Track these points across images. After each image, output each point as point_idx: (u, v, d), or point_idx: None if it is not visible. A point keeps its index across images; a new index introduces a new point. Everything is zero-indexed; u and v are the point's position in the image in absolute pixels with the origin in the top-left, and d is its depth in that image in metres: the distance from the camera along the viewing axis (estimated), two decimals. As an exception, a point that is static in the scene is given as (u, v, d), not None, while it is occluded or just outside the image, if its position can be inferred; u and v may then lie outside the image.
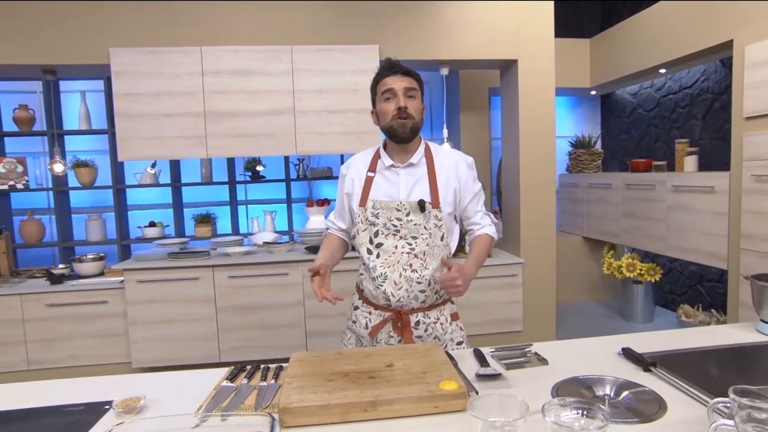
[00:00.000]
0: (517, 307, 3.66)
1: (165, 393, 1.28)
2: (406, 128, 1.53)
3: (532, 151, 3.63)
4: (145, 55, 3.23)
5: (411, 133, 1.55)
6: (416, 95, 1.56)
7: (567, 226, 5.14)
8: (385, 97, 1.54)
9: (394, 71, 1.54)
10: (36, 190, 4.30)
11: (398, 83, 1.52)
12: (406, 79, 1.53)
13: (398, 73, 1.54)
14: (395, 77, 1.53)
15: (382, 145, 1.65)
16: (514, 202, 3.79)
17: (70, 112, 4.39)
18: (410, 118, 1.53)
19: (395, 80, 1.53)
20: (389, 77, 1.54)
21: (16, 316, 3.32)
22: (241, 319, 3.37)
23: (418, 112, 1.57)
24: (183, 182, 4.55)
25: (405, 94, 1.53)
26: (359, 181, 1.62)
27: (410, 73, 1.55)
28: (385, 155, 1.61)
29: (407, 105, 1.52)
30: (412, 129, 1.54)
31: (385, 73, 1.55)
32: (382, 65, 1.59)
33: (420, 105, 1.58)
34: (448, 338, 1.63)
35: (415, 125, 1.55)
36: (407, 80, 1.53)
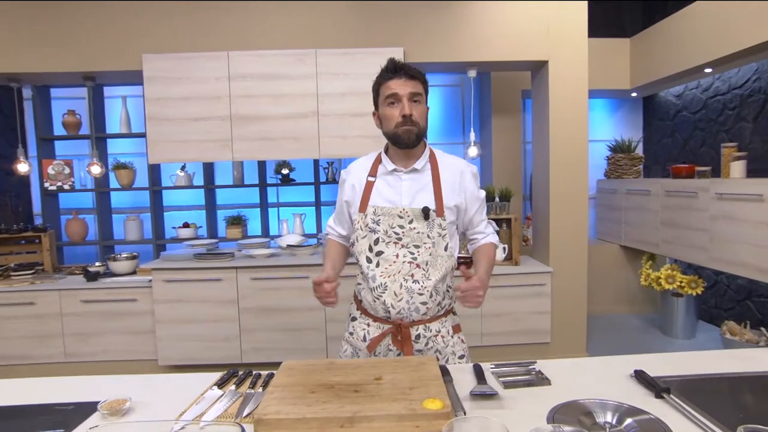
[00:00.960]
0: (545, 318, 3.52)
1: (153, 396, 1.28)
2: (411, 135, 1.47)
3: (563, 155, 3.48)
4: (175, 60, 3.32)
5: (416, 140, 1.49)
6: (421, 99, 1.50)
7: (604, 234, 4.91)
8: (388, 101, 1.48)
9: (398, 74, 1.47)
10: (80, 190, 4.50)
11: (403, 88, 1.46)
12: (411, 83, 1.47)
13: (403, 76, 1.47)
14: (399, 81, 1.46)
15: (383, 149, 1.60)
16: (543, 209, 3.65)
17: (113, 117, 4.59)
18: (415, 125, 1.47)
19: (399, 84, 1.46)
20: (393, 80, 1.47)
21: (56, 310, 3.48)
22: (263, 320, 3.40)
23: (423, 117, 1.51)
24: (215, 184, 4.67)
25: (410, 100, 1.46)
26: (359, 187, 1.57)
27: (415, 75, 1.49)
28: (387, 159, 1.56)
29: (413, 111, 1.46)
30: (417, 136, 1.48)
31: (388, 76, 1.48)
32: (385, 66, 1.51)
33: (425, 109, 1.53)
34: (450, 352, 1.56)
35: (420, 132, 1.49)
36: (412, 84, 1.47)
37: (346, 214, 1.63)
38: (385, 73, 1.50)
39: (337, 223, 1.70)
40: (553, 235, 3.54)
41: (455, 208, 1.53)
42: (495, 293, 3.48)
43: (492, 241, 1.63)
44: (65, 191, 4.45)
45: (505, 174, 4.51)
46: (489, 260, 1.58)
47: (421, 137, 1.51)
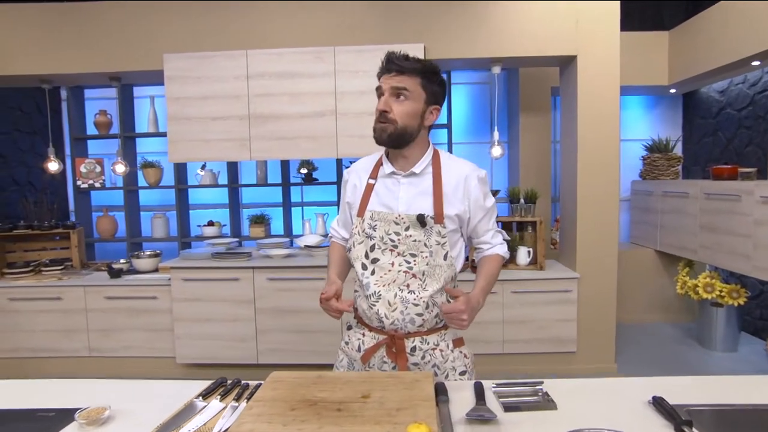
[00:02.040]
0: (571, 325, 3.35)
1: (135, 404, 1.25)
2: (384, 133, 1.36)
3: (592, 155, 3.30)
4: (194, 60, 3.33)
5: (389, 140, 1.38)
6: (408, 95, 1.35)
7: (638, 238, 4.66)
8: (377, 94, 1.40)
9: (387, 68, 1.37)
10: (110, 188, 4.61)
11: (387, 82, 1.36)
12: (397, 77, 1.35)
13: (392, 70, 1.36)
14: (387, 75, 1.37)
15: (384, 150, 1.50)
16: (570, 211, 3.48)
17: (142, 116, 4.67)
18: (390, 123, 1.35)
19: (386, 78, 1.37)
20: (383, 75, 1.38)
21: (81, 306, 3.56)
22: (278, 321, 3.37)
23: (406, 115, 1.36)
24: (239, 183, 4.69)
25: (391, 95, 1.36)
26: (360, 189, 1.49)
27: (404, 70, 1.35)
28: (386, 162, 1.46)
29: (390, 107, 1.35)
30: (390, 136, 1.36)
31: (381, 71, 1.39)
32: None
33: (412, 106, 1.36)
34: (449, 367, 1.44)
35: (397, 132, 1.36)
36: (397, 78, 1.35)
37: (349, 216, 1.55)
38: (380, 70, 1.40)
39: (341, 225, 1.63)
40: (581, 239, 3.36)
41: (456, 217, 1.42)
42: (518, 299, 3.34)
43: (498, 252, 1.51)
44: (96, 189, 4.57)
45: (533, 174, 4.34)
46: (487, 275, 1.47)
47: (397, 138, 1.38)
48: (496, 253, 1.50)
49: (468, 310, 1.29)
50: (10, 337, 3.62)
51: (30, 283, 3.62)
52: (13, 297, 3.60)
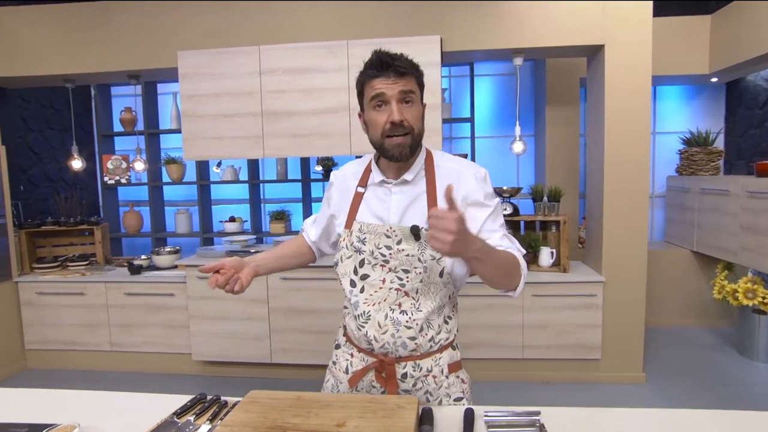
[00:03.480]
0: (595, 331, 3.17)
1: (106, 419, 1.21)
2: (405, 148, 1.21)
3: (620, 150, 3.10)
4: (208, 56, 3.30)
5: (411, 151, 1.24)
6: (415, 98, 1.22)
7: (673, 237, 4.39)
8: (374, 103, 1.22)
9: (385, 72, 1.20)
10: (135, 184, 4.69)
11: (391, 87, 1.19)
12: (401, 80, 1.19)
13: (391, 73, 1.19)
14: (386, 80, 1.19)
15: (374, 156, 1.37)
16: (596, 211, 3.29)
17: (166, 113, 4.72)
18: (409, 133, 1.21)
19: (387, 83, 1.19)
20: (379, 78, 1.20)
21: (102, 301, 3.63)
22: (292, 321, 3.34)
23: (419, 119, 1.24)
24: (260, 179, 4.69)
25: (400, 101, 1.20)
26: (347, 198, 1.37)
27: (406, 71, 1.20)
28: (376, 169, 1.33)
29: (405, 116, 1.20)
30: (411, 147, 1.22)
31: (373, 73, 1.21)
32: (369, 60, 1.23)
33: (420, 109, 1.25)
34: (443, 394, 1.32)
35: (415, 140, 1.23)
36: (403, 82, 1.19)
37: (325, 222, 1.45)
38: (369, 69, 1.22)
39: (314, 225, 1.51)
40: (607, 240, 3.17)
41: None
42: (539, 302, 3.19)
43: (513, 252, 1.26)
44: (122, 185, 4.66)
45: (560, 170, 4.15)
46: (501, 253, 1.20)
47: (416, 147, 1.26)
48: (510, 252, 1.26)
49: (458, 231, 0.98)
50: (39, 329, 3.74)
51: (56, 278, 3.72)
52: (41, 291, 3.70)
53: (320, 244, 1.51)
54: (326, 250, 1.53)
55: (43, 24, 3.57)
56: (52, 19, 3.57)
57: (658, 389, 3.13)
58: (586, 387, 3.19)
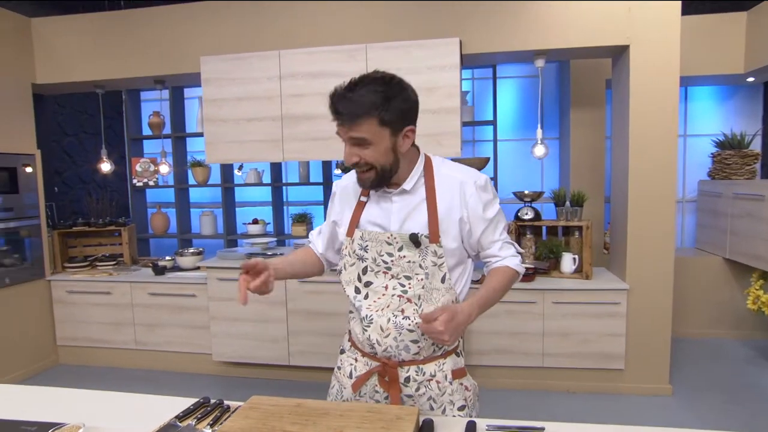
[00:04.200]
0: (618, 341, 3.08)
1: (111, 420, 1.24)
2: (368, 182, 1.25)
3: (645, 153, 3.00)
4: (229, 62, 3.35)
5: (378, 183, 1.25)
6: (375, 140, 1.18)
7: (705, 244, 4.22)
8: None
9: (338, 116, 1.18)
10: (162, 187, 4.81)
11: (343, 132, 1.20)
12: (353, 127, 1.16)
13: (343, 119, 1.17)
14: (340, 125, 1.19)
15: None
16: (621, 216, 3.19)
17: (192, 117, 4.83)
18: (370, 170, 1.22)
19: (340, 128, 1.20)
20: (335, 121, 1.20)
21: (128, 300, 3.73)
22: (310, 324, 3.36)
23: (380, 154, 1.20)
24: (283, 182, 4.74)
25: (353, 145, 1.20)
26: (349, 206, 1.38)
27: (350, 117, 1.16)
28: None
29: (360, 157, 1.20)
30: (375, 180, 1.24)
31: (332, 114, 1.21)
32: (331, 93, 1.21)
33: (383, 145, 1.19)
34: (447, 401, 1.30)
35: (380, 173, 1.23)
36: (350, 128, 1.17)
37: (334, 232, 1.45)
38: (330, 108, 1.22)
39: (319, 236, 1.51)
40: (632, 247, 3.07)
41: (457, 230, 1.29)
42: (560, 310, 3.11)
43: (508, 265, 1.33)
44: (150, 187, 4.79)
45: (585, 173, 4.04)
46: (491, 288, 1.28)
47: (386, 177, 1.24)
48: (506, 265, 1.33)
49: (448, 330, 1.10)
50: (69, 326, 3.87)
51: (85, 277, 3.85)
52: (71, 290, 3.84)
53: (327, 254, 1.51)
54: (333, 259, 1.53)
55: (75, 33, 3.71)
56: (83, 28, 3.70)
57: (686, 403, 3.01)
58: (608, 398, 3.09)
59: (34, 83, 3.79)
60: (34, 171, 3.77)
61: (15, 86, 3.65)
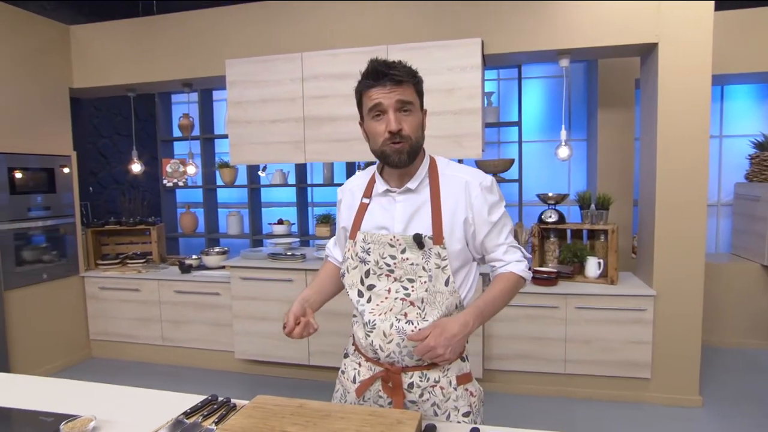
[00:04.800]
0: (645, 348, 2.98)
1: (121, 414, 1.28)
2: (402, 154, 1.23)
3: (674, 154, 2.89)
4: (253, 64, 3.41)
5: (409, 158, 1.25)
6: (413, 107, 1.23)
7: (741, 250, 4.04)
8: (373, 113, 1.23)
9: (381, 81, 1.20)
10: (191, 187, 4.94)
11: (388, 97, 1.19)
12: (398, 89, 1.19)
13: (387, 82, 1.19)
14: (383, 89, 1.20)
15: (377, 167, 1.37)
16: (648, 219, 3.08)
17: (221, 119, 4.93)
18: (406, 141, 1.22)
19: (384, 93, 1.19)
20: (376, 88, 1.20)
21: (155, 297, 3.85)
22: (330, 324, 3.35)
23: (416, 128, 1.24)
24: (308, 183, 4.79)
25: (398, 110, 1.21)
26: (353, 210, 1.38)
27: (403, 79, 1.20)
28: (380, 179, 1.33)
29: (402, 125, 1.21)
30: (410, 154, 1.24)
31: (369, 83, 1.21)
32: (365, 69, 1.23)
33: (419, 118, 1.25)
34: (451, 407, 1.28)
35: (413, 147, 1.24)
36: (399, 90, 1.20)
37: (343, 239, 1.45)
38: (365, 79, 1.23)
39: (336, 246, 1.53)
40: (659, 252, 2.96)
41: (461, 232, 1.27)
42: (583, 315, 3.03)
43: (513, 270, 1.30)
44: (180, 187, 4.92)
45: (613, 175, 3.93)
46: (491, 296, 1.25)
47: (415, 154, 1.26)
48: (510, 270, 1.30)
49: (440, 345, 1.12)
50: (100, 321, 4.02)
51: (115, 274, 3.99)
52: (103, 286, 3.98)
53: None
54: None
55: (109, 38, 3.85)
56: (116, 34, 3.83)
57: (717, 415, 2.88)
58: (633, 407, 2.99)
59: (71, 87, 3.95)
60: (71, 171, 3.92)
61: (54, 91, 3.81)
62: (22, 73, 3.54)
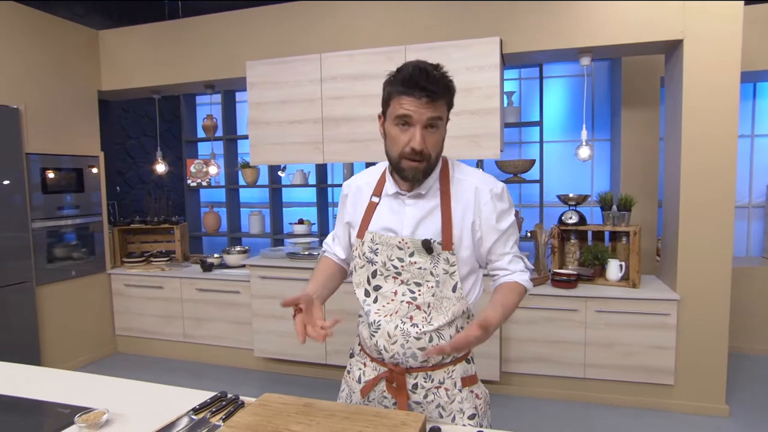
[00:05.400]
0: (668, 354, 2.89)
1: (134, 407, 1.31)
2: (418, 173, 1.21)
3: (700, 154, 2.80)
4: (273, 65, 3.46)
5: (423, 176, 1.23)
6: (440, 124, 1.19)
7: (774, 253, 3.89)
8: (399, 121, 1.17)
9: (415, 92, 1.13)
10: (214, 187, 5.03)
11: (419, 112, 1.14)
12: (431, 105, 1.14)
13: (423, 96, 1.13)
14: (416, 101, 1.13)
15: (389, 167, 1.34)
16: (672, 220, 3.00)
17: (244, 120, 5.01)
18: (425, 160, 1.19)
19: (416, 105, 1.13)
20: (408, 97, 1.14)
21: (177, 295, 3.93)
22: (346, 324, 3.36)
23: (438, 144, 1.21)
24: (328, 183, 4.83)
25: (426, 127, 1.16)
26: (361, 207, 1.36)
27: (438, 94, 1.14)
28: (390, 180, 1.31)
29: (427, 144, 1.17)
30: (425, 171, 1.22)
31: (403, 89, 1.15)
32: (402, 75, 1.16)
33: (443, 132, 1.22)
34: (456, 409, 1.27)
35: (430, 165, 1.22)
36: (433, 107, 1.14)
37: (346, 236, 1.44)
38: (401, 84, 1.15)
39: (336, 243, 1.49)
40: (683, 255, 2.87)
41: (470, 238, 1.25)
42: (604, 319, 2.97)
43: (517, 280, 1.27)
44: (203, 187, 5.02)
45: (636, 176, 3.84)
46: (504, 305, 1.21)
47: (429, 172, 1.24)
48: (514, 280, 1.28)
49: (483, 336, 1.07)
50: (126, 317, 4.13)
51: (140, 271, 4.09)
52: (128, 283, 4.09)
53: (349, 258, 1.49)
54: None
55: (135, 42, 3.96)
56: (142, 37, 3.94)
57: (745, 425, 2.78)
58: (656, 414, 2.91)
59: (99, 90, 4.08)
60: (99, 171, 4.05)
61: (83, 93, 3.94)
62: (54, 77, 3.67)
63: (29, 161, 3.45)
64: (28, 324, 3.42)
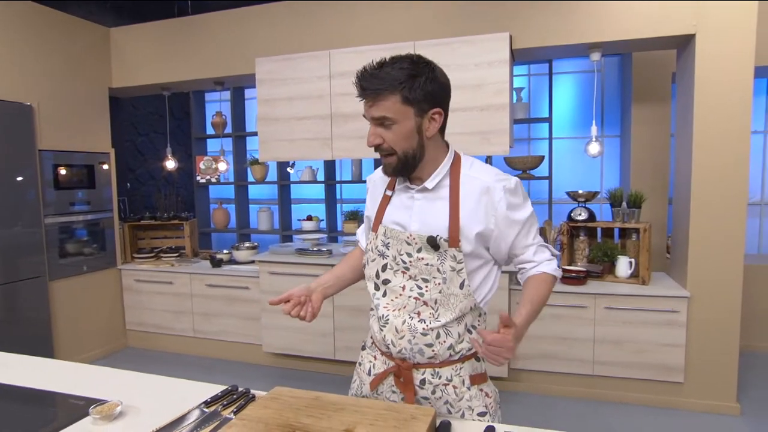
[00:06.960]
0: (678, 352, 2.87)
1: (146, 400, 1.33)
2: (390, 167, 1.23)
3: (712, 151, 2.77)
4: (282, 62, 3.47)
5: (403, 169, 1.23)
6: (397, 119, 1.16)
7: (787, 251, 3.84)
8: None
9: (359, 91, 1.17)
10: (224, 183, 5.06)
11: (368, 111, 1.19)
12: (375, 104, 1.16)
13: (364, 94, 1.17)
14: (365, 102, 1.18)
15: None
16: (683, 217, 2.97)
17: (253, 116, 5.03)
18: (392, 154, 1.20)
19: (366, 106, 1.19)
20: (362, 100, 1.20)
21: (187, 290, 3.97)
22: (355, 320, 3.41)
23: (403, 139, 1.18)
24: (337, 180, 4.84)
25: (377, 125, 1.19)
26: (376, 201, 1.38)
27: (379, 91, 1.14)
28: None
29: (382, 138, 1.19)
30: (398, 167, 1.22)
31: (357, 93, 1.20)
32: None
33: (406, 127, 1.17)
34: (465, 406, 1.27)
35: (404, 158, 1.20)
36: (376, 106, 1.16)
37: (368, 228, 1.46)
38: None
39: (362, 234, 1.52)
40: (694, 251, 2.85)
41: (479, 237, 1.23)
42: (613, 316, 2.95)
43: (545, 270, 1.28)
44: (213, 184, 5.05)
45: (647, 173, 3.80)
46: (534, 300, 1.25)
47: (409, 163, 1.21)
48: (542, 271, 1.28)
49: (514, 344, 1.11)
50: (136, 312, 4.17)
51: (150, 267, 4.13)
52: (138, 279, 4.13)
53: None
54: None
55: (145, 39, 3.99)
56: (151, 35, 3.96)
57: (757, 424, 2.76)
58: (665, 412, 2.90)
59: (110, 87, 4.11)
60: (109, 168, 4.08)
61: (95, 91, 3.98)
62: (66, 74, 3.71)
63: (42, 158, 3.49)
64: (41, 318, 3.47)
